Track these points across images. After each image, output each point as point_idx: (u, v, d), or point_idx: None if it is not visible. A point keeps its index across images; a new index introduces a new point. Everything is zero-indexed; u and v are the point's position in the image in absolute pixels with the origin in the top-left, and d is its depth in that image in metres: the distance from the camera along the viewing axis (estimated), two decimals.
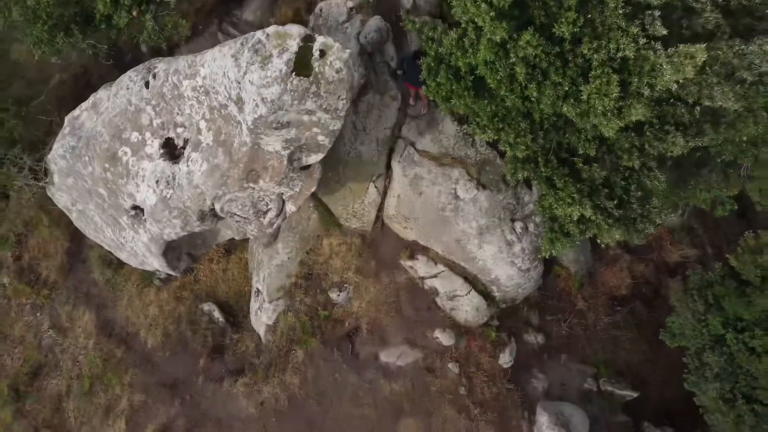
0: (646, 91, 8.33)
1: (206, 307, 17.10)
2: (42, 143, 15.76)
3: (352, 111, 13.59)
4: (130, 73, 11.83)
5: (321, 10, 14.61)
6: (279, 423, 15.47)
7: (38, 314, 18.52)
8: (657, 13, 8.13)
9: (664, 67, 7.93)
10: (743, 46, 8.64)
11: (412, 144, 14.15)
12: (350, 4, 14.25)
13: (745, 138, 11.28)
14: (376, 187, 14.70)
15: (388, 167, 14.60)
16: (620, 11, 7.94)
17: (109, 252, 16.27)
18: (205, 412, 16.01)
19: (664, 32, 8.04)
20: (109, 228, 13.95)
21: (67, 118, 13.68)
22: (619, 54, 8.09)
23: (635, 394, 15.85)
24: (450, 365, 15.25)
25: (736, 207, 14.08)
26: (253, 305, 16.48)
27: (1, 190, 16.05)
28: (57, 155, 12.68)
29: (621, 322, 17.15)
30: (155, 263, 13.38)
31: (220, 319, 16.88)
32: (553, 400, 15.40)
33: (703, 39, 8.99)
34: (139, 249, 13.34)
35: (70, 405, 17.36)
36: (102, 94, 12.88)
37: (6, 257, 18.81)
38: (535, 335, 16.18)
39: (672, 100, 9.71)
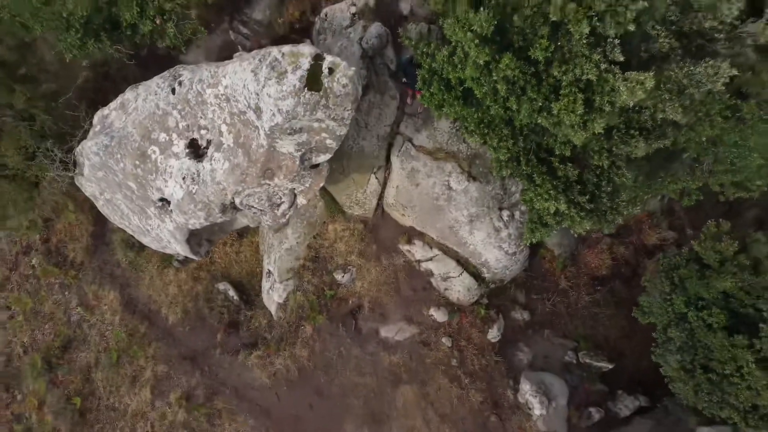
0: (608, 108, 9.85)
1: (221, 286, 18.86)
2: (70, 136, 17.28)
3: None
4: (158, 80, 13.31)
5: (326, 15, 16.01)
6: (290, 391, 17.33)
7: (66, 293, 20.29)
8: (616, 41, 9.61)
9: (621, 89, 9.43)
10: (692, 68, 10.13)
11: (410, 140, 15.69)
12: (353, 9, 15.64)
13: (704, 138, 12.84)
14: (376, 178, 16.27)
15: (388, 160, 16.16)
16: (584, 41, 9.41)
17: (132, 236, 17.90)
18: (222, 381, 17.88)
19: (622, 59, 9.52)
20: (135, 216, 15.55)
21: (96, 116, 15.18)
22: (584, 77, 9.59)
23: (611, 366, 17.64)
24: (443, 339, 17.04)
25: (701, 197, 15.63)
26: (265, 285, 18.19)
27: (33, 179, 17.58)
28: (90, 152, 14.21)
29: (601, 300, 18.86)
30: (179, 248, 15.02)
31: (235, 298, 18.65)
32: (537, 371, 17.20)
33: (659, 60, 10.50)
34: (164, 236, 14.97)
35: (99, 375, 19.23)
36: (129, 95, 14.37)
37: (35, 240, 20.56)
38: (521, 312, 17.95)
39: (637, 108, 11.25)
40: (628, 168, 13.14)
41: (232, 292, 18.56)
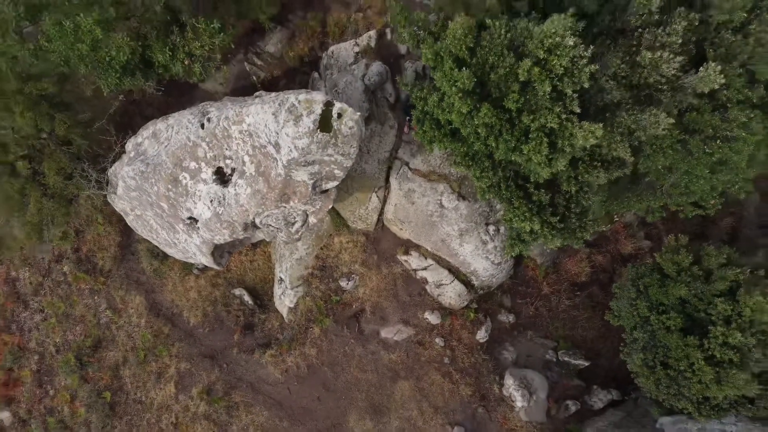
0: (568, 149, 12.03)
1: (237, 291, 21.08)
2: (102, 158, 19.48)
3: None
4: (188, 115, 15.49)
5: (332, 52, 18.23)
6: (300, 386, 19.58)
7: (96, 297, 22.49)
8: (575, 95, 11.79)
9: (578, 135, 11.61)
10: (639, 115, 12.32)
11: (407, 163, 17.90)
12: (356, 49, 17.85)
13: (660, 166, 15.05)
14: (377, 196, 18.48)
15: (387, 181, 18.39)
16: (547, 96, 11.58)
17: (156, 247, 20.11)
18: (239, 377, 20.12)
19: (579, 111, 11.70)
20: (163, 231, 17.74)
21: (131, 143, 17.36)
22: (548, 124, 11.76)
23: (587, 363, 19.89)
24: (437, 340, 19.28)
25: (664, 214, 17.82)
26: (277, 291, 20.41)
27: (69, 197, 19.75)
28: (127, 176, 16.39)
29: (579, 304, 21.08)
30: (203, 260, 17.22)
31: (250, 302, 20.88)
32: (520, 368, 19.44)
33: (612, 108, 12.71)
34: (190, 248, 17.17)
35: (127, 372, 21.45)
36: (161, 125, 16.55)
37: (66, 249, 22.77)
38: (507, 315, 20.18)
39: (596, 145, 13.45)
40: (597, 191, 15.37)
41: (247, 297, 20.80)
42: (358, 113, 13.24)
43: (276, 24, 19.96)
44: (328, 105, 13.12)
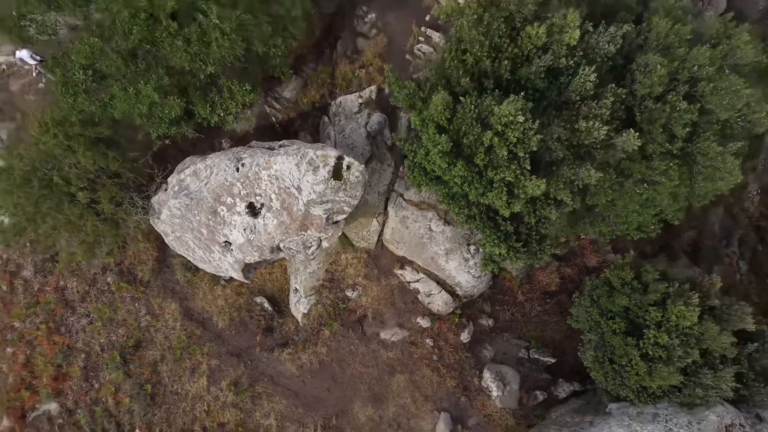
0: (522, 196, 16.08)
1: (258, 299, 25.12)
2: (145, 187, 23.51)
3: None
4: (225, 159, 19.50)
5: (340, 102, 22.27)
6: (312, 378, 23.62)
7: (136, 304, 26.46)
8: (527, 156, 15.81)
9: (528, 186, 15.65)
10: (577, 168, 16.36)
11: (401, 195, 21.94)
12: (360, 100, 21.88)
13: (604, 201, 19.10)
14: (377, 221, 22.51)
15: (386, 209, 22.38)
16: (505, 157, 15.62)
17: (189, 261, 24.15)
18: (262, 371, 24.14)
19: (529, 168, 15.74)
20: (200, 250, 21.77)
21: (174, 178, 21.36)
22: (506, 178, 15.79)
23: (554, 360, 23.85)
24: (427, 340, 23.29)
25: (615, 236, 21.81)
26: (292, 299, 24.44)
27: (119, 221, 23.77)
28: (174, 207, 20.40)
29: (549, 310, 25.00)
30: (234, 275, 21.28)
31: (269, 308, 24.92)
32: (497, 364, 23.47)
33: (558, 163, 16.76)
34: (223, 265, 21.23)
35: (164, 368, 25.43)
36: (200, 165, 20.56)
37: (110, 263, 26.81)
38: (486, 320, 24.17)
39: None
40: (555, 221, 19.39)
41: (267, 304, 24.85)
42: (363, 165, 17.32)
43: (292, 73, 24.01)
44: (339, 159, 17.17)
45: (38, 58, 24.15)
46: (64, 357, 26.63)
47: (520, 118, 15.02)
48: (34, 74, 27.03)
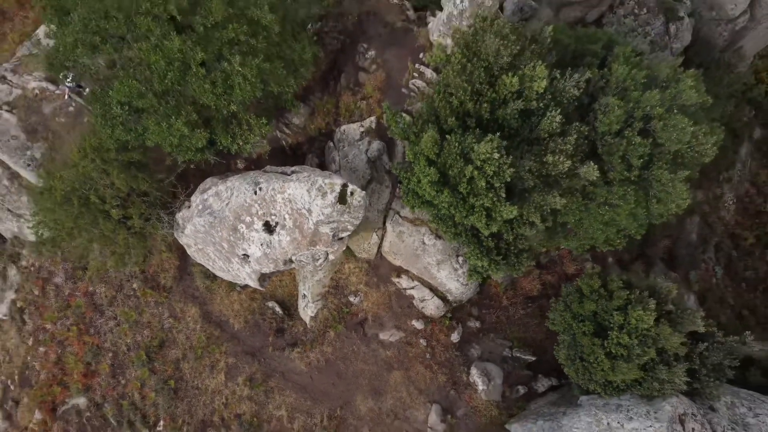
0: (499, 218, 19.28)
1: (270, 304, 28.31)
2: (170, 204, 26.71)
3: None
4: (244, 183, 22.65)
5: (344, 130, 25.44)
6: (319, 375, 26.81)
7: (160, 308, 29.59)
8: (502, 185, 18.99)
9: (504, 211, 18.87)
10: (545, 195, 19.56)
11: (398, 212, 25.14)
12: (361, 129, 25.05)
13: (573, 220, 22.31)
14: (377, 235, 25.69)
15: (384, 224, 25.58)
16: (484, 187, 18.81)
17: (208, 270, 27.37)
18: (274, 368, 27.34)
19: (504, 196, 18.94)
20: (220, 261, 24.97)
21: (198, 198, 24.49)
22: (485, 204, 18.99)
23: (534, 358, 27.00)
24: (421, 341, 26.44)
25: (587, 248, 24.98)
26: (301, 304, 27.64)
27: (146, 234, 26.97)
28: (199, 224, 23.56)
29: (531, 313, 28.08)
30: (251, 283, 24.46)
31: (280, 312, 28.12)
32: (483, 362, 26.68)
33: (529, 190, 19.96)
34: (241, 275, 24.41)
35: (186, 365, 28.59)
36: (221, 187, 23.73)
37: (136, 271, 30.05)
38: (474, 322, 27.33)
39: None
40: (532, 237, 22.58)
41: (278, 308, 28.07)
42: (364, 192, 20.54)
43: (300, 102, 27.22)
44: (344, 186, 20.39)
45: (75, 86, 26.94)
46: (93, 356, 29.76)
47: (496, 155, 18.22)
48: (65, 98, 30.22)
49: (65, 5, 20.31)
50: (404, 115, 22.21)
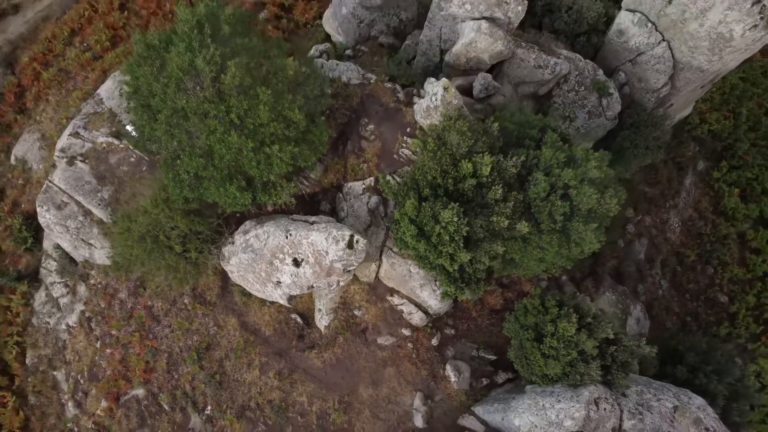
0: (458, 260, 28.90)
1: (293, 315, 37.81)
2: (217, 239, 36.45)
3: (365, 234, 34.38)
4: (277, 229, 32.28)
5: (350, 187, 35.01)
6: (331, 370, 36.07)
7: (206, 318, 39.16)
8: (461, 239, 28.61)
9: (461, 256, 28.44)
10: (492, 244, 29.16)
11: (391, 249, 34.58)
12: (363, 186, 34.59)
13: (516, 258, 31.98)
14: (375, 265, 35.17)
15: (381, 257, 35.21)
16: (447, 240, 28.37)
17: (245, 289, 37.06)
18: (297, 365, 36.75)
19: (462, 245, 28.53)
20: (257, 284, 34.64)
21: (241, 237, 34.18)
22: (449, 252, 28.59)
23: (495, 357, 36.32)
24: (409, 344, 35.72)
25: (531, 275, 34.61)
26: (317, 315, 37.17)
27: (199, 264, 36.60)
28: (242, 259, 33.19)
29: (495, 323, 37.11)
30: (280, 301, 34.13)
31: (300, 322, 37.57)
32: (456, 360, 36.31)
33: (482, 240, 29.67)
34: (274, 296, 34.06)
35: (228, 363, 38.16)
36: (259, 230, 33.39)
37: (187, 289, 39.78)
38: (450, 330, 36.50)
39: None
40: (488, 268, 32.23)
41: (299, 319, 37.53)
42: (366, 240, 30.16)
43: (317, 161, 36.78)
44: (352, 236, 30.06)
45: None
46: (152, 356, 39.36)
47: (455, 219, 27.83)
48: (129, 151, 39.80)
49: (153, 107, 29.90)
50: (395, 178, 31.89)
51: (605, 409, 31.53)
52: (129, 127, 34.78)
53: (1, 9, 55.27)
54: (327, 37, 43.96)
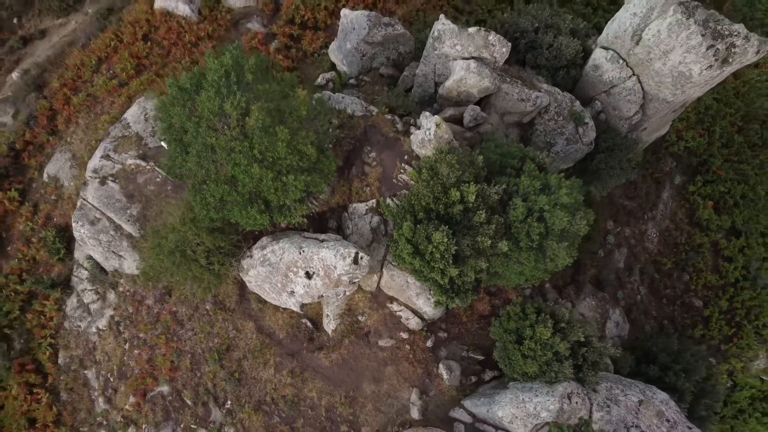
0: (449, 274, 34.58)
1: (304, 320, 43.32)
2: (237, 253, 42.16)
3: (368, 250, 40.09)
4: (292, 246, 37.87)
5: (355, 207, 40.70)
6: (339, 368, 41.22)
7: (226, 323, 44.56)
8: (450, 257, 34.27)
9: (451, 271, 34.08)
10: (477, 260, 34.81)
11: (390, 262, 40.16)
12: (366, 207, 40.25)
13: (499, 270, 37.71)
14: (376, 276, 40.71)
15: (381, 269, 40.84)
16: (438, 258, 34.06)
17: (261, 297, 42.78)
18: (308, 364, 42.14)
19: (451, 261, 34.19)
20: (273, 293, 40.31)
21: (258, 252, 39.86)
22: (440, 267, 34.27)
23: (483, 357, 41.86)
24: (406, 346, 40.01)
25: (522, 282, 40.23)
26: (325, 320, 42.78)
27: (221, 275, 42.25)
28: (261, 271, 38.93)
29: (482, 327, 42.61)
30: (294, 308, 39.90)
31: (310, 326, 43.15)
32: (448, 360, 41.91)
33: (468, 257, 35.42)
34: (289, 304, 39.74)
35: (246, 363, 43.56)
36: (275, 246, 39.03)
37: (209, 297, 45.48)
38: (443, 333, 41.40)
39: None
40: (476, 279, 37.92)
41: (309, 323, 43.10)
42: (369, 256, 35.83)
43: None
44: (357, 254, 35.76)
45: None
46: (177, 356, 45.23)
47: (445, 240, 33.59)
48: (155, 171, 45.44)
49: (185, 141, 35.60)
50: (394, 201, 37.61)
51: (577, 402, 37.23)
52: (163, 143, 40.24)
53: (29, 34, 61.09)
54: (333, 66, 49.60)
